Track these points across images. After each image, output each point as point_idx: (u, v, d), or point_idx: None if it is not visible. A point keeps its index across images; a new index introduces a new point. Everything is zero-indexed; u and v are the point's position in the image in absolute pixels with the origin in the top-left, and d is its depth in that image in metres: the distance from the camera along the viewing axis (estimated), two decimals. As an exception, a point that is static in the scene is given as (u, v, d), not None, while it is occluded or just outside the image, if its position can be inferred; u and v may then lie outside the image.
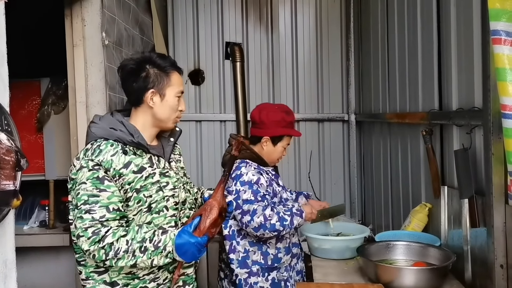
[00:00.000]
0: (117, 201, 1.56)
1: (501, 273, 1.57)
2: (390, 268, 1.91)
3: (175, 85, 1.70)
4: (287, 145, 2.36)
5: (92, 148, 1.59)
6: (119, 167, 1.57)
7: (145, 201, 1.61)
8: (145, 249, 1.53)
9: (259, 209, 2.14)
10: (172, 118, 1.72)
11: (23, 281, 1.62)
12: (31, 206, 3.18)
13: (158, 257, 1.53)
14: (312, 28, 4.28)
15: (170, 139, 1.80)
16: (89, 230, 1.51)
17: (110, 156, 1.57)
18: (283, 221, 2.15)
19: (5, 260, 1.43)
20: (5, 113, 1.40)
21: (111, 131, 1.62)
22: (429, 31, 2.35)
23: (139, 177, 1.60)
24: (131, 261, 1.53)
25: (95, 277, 1.63)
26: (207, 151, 4.25)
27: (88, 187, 1.54)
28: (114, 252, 1.51)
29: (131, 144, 1.61)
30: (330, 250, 2.33)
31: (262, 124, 2.31)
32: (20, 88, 2.95)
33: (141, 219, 1.62)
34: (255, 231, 2.15)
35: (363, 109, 3.99)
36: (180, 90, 1.73)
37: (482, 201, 1.76)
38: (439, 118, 2.19)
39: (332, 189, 4.31)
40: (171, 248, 1.53)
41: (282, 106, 2.40)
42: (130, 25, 3.16)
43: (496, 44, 1.34)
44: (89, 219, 1.52)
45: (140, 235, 1.54)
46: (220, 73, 4.26)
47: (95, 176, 1.55)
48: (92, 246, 1.51)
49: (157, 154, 1.69)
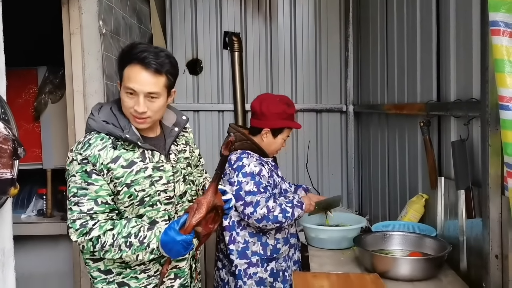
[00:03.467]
0: (105, 194, 1.56)
1: (496, 263, 1.58)
2: (386, 258, 1.93)
3: (125, 80, 1.57)
4: (287, 137, 2.36)
5: (82, 142, 1.60)
6: (107, 161, 1.56)
7: (137, 195, 1.60)
8: (130, 244, 1.54)
9: (262, 200, 2.15)
10: (128, 116, 1.61)
11: (20, 270, 1.63)
12: (29, 195, 3.19)
13: (143, 253, 1.54)
14: (311, 18, 4.26)
15: (174, 129, 1.74)
16: (77, 222, 1.54)
17: (98, 150, 1.56)
18: (285, 213, 2.16)
19: (3, 249, 1.43)
20: (2, 101, 1.39)
21: (103, 125, 1.60)
22: (428, 22, 2.34)
23: (129, 171, 1.58)
24: (117, 255, 1.55)
25: (90, 264, 1.67)
26: (204, 141, 4.25)
27: (77, 180, 1.55)
28: (100, 245, 1.54)
29: (120, 138, 1.59)
30: (326, 240, 2.34)
31: (262, 115, 2.29)
32: (16, 77, 2.93)
33: (133, 211, 1.62)
34: (257, 222, 2.15)
35: (361, 100, 3.99)
36: (128, 86, 1.55)
37: (478, 192, 1.77)
38: (437, 109, 2.19)
39: (329, 179, 4.32)
40: (155, 245, 1.53)
41: (283, 98, 2.38)
42: (128, 13, 3.14)
43: (494, 35, 1.34)
44: (77, 211, 1.54)
45: (126, 229, 1.55)
46: (218, 63, 4.24)
47: (84, 169, 1.55)
48: (80, 237, 1.54)
49: (151, 148, 1.64)
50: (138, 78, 1.55)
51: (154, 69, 1.56)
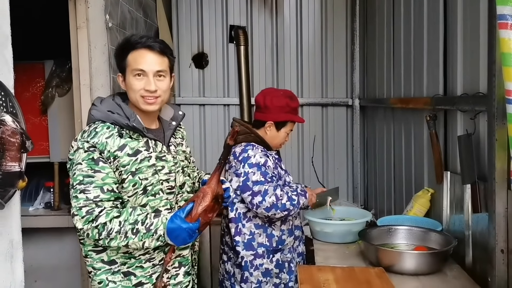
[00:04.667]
0: (111, 182, 1.58)
1: (502, 258, 1.58)
2: (391, 252, 1.93)
3: (131, 64, 1.63)
4: (290, 131, 2.38)
5: (88, 130, 1.62)
6: (114, 149, 1.59)
7: (141, 184, 1.63)
8: (137, 231, 1.55)
9: (270, 189, 2.17)
10: (137, 99, 1.64)
11: (28, 261, 1.65)
12: (36, 188, 3.21)
13: (149, 239, 1.56)
14: (317, 11, 4.24)
15: (172, 123, 1.79)
16: (83, 210, 1.55)
17: (105, 138, 1.59)
18: (292, 201, 2.20)
19: (11, 240, 1.45)
20: (10, 95, 1.40)
21: (108, 114, 1.63)
22: (435, 16, 2.32)
23: (134, 160, 1.61)
24: (123, 242, 1.56)
25: (93, 256, 1.67)
26: (210, 135, 4.26)
27: (83, 167, 1.57)
28: (107, 232, 1.54)
29: (126, 127, 1.62)
30: (331, 234, 2.35)
31: (266, 108, 2.32)
32: (24, 71, 2.95)
33: (136, 201, 1.64)
34: (266, 211, 2.17)
35: (367, 94, 3.97)
36: (136, 68, 1.62)
37: (484, 186, 1.76)
38: (443, 103, 2.18)
39: (335, 173, 4.32)
40: (162, 232, 1.56)
41: (287, 92, 2.41)
42: (134, 7, 3.14)
43: (502, 29, 1.33)
44: (83, 198, 1.55)
45: (133, 217, 1.57)
46: (224, 57, 4.24)
47: (90, 157, 1.57)
48: (86, 225, 1.54)
49: (154, 138, 1.69)
50: (146, 59, 1.62)
51: (159, 50, 1.64)
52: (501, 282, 1.58)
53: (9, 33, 1.44)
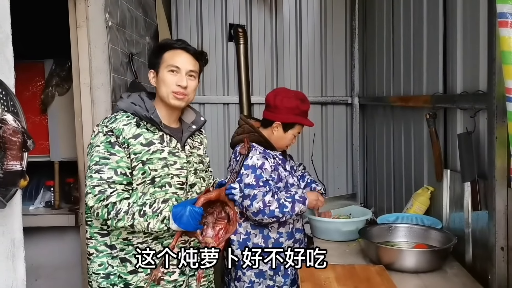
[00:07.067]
0: (124, 166, 1.68)
1: (502, 255, 1.58)
2: (391, 250, 1.94)
3: (167, 61, 1.77)
4: (298, 133, 2.34)
5: (109, 117, 1.75)
6: (129, 136, 1.69)
7: (149, 174, 1.70)
8: (144, 213, 1.62)
9: (259, 194, 2.15)
10: (168, 93, 1.76)
11: (29, 261, 1.65)
12: (37, 187, 3.21)
13: (154, 220, 1.61)
14: (316, 10, 4.24)
15: (192, 126, 1.88)
16: (96, 189, 1.64)
17: (123, 125, 1.70)
18: (283, 208, 2.16)
19: (13, 239, 1.45)
20: (11, 94, 1.40)
21: (131, 105, 1.76)
22: (435, 13, 2.32)
23: (146, 150, 1.70)
24: (129, 222, 1.62)
25: (97, 238, 1.75)
26: (210, 133, 4.24)
27: (101, 149, 1.67)
28: (115, 211, 1.62)
29: (145, 118, 1.73)
30: (332, 232, 2.35)
31: (275, 108, 2.28)
32: (23, 70, 2.93)
33: (144, 190, 1.71)
34: (254, 215, 2.17)
35: (366, 92, 3.98)
36: (172, 64, 1.76)
37: (484, 184, 1.77)
38: (443, 101, 2.18)
39: (334, 172, 4.32)
40: (167, 214, 1.61)
41: (299, 94, 2.36)
42: (133, 6, 3.14)
43: (502, 27, 1.33)
44: (97, 178, 1.64)
45: (142, 200, 1.65)
46: (223, 55, 4.23)
47: (108, 140, 1.68)
48: (97, 203, 1.63)
49: (170, 134, 1.77)
50: (182, 58, 1.78)
51: (193, 54, 1.81)
52: (501, 279, 1.59)
53: (9, 32, 1.44)
